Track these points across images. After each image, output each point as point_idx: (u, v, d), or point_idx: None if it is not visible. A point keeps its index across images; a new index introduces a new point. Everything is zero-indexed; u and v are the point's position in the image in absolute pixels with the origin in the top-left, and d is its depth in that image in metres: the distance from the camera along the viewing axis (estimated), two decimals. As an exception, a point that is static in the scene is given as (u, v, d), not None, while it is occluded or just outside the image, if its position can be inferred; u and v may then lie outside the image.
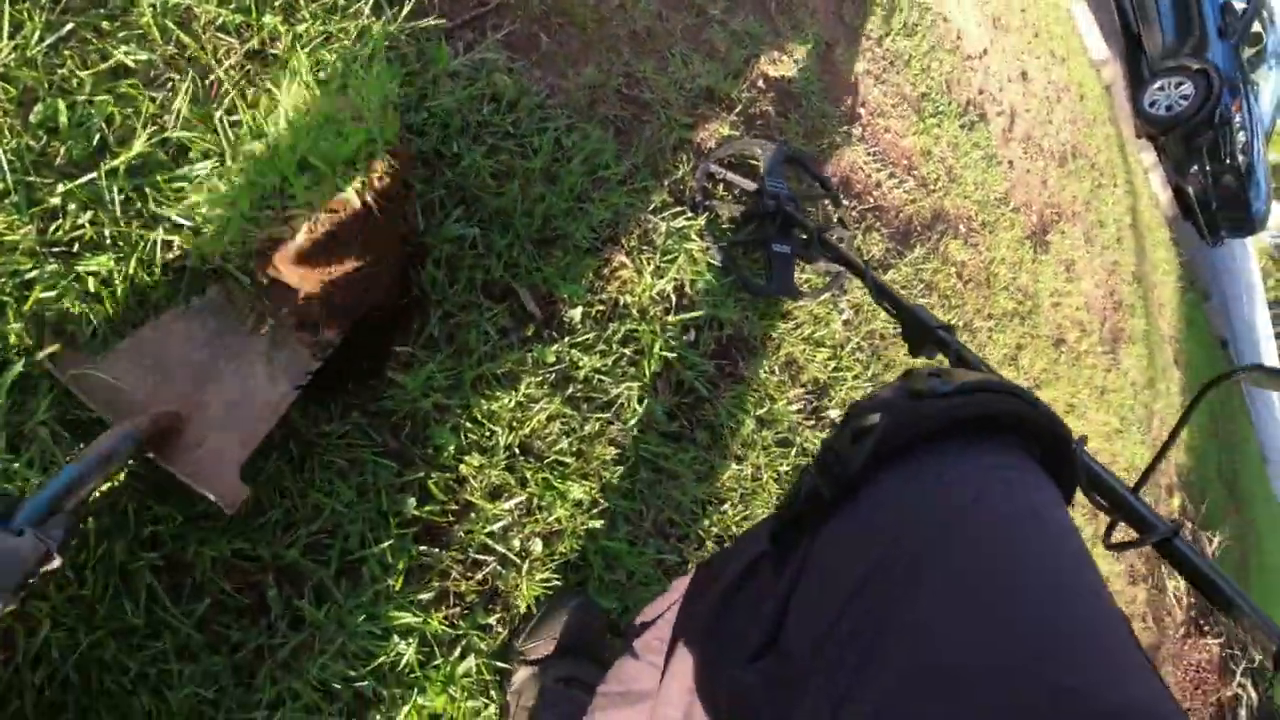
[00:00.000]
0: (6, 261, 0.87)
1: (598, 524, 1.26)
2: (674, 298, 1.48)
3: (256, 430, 0.94)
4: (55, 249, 0.91)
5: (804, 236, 1.70)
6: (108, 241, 0.94)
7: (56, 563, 0.70)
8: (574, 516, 1.23)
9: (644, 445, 1.35)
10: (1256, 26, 7.21)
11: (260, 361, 0.98)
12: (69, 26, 0.96)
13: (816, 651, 0.47)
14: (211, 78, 1.06)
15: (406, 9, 1.24)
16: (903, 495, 0.51)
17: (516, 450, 1.20)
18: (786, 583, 0.54)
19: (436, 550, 1.10)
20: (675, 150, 1.65)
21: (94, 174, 0.94)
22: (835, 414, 1.79)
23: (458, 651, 1.09)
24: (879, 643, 0.44)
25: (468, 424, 1.15)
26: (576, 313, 1.31)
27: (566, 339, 1.29)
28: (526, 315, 1.26)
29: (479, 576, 1.14)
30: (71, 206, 0.92)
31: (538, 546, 1.20)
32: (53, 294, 0.89)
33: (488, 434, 1.16)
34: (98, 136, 0.96)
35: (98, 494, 0.87)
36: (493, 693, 1.12)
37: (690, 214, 1.57)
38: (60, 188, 0.92)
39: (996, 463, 0.51)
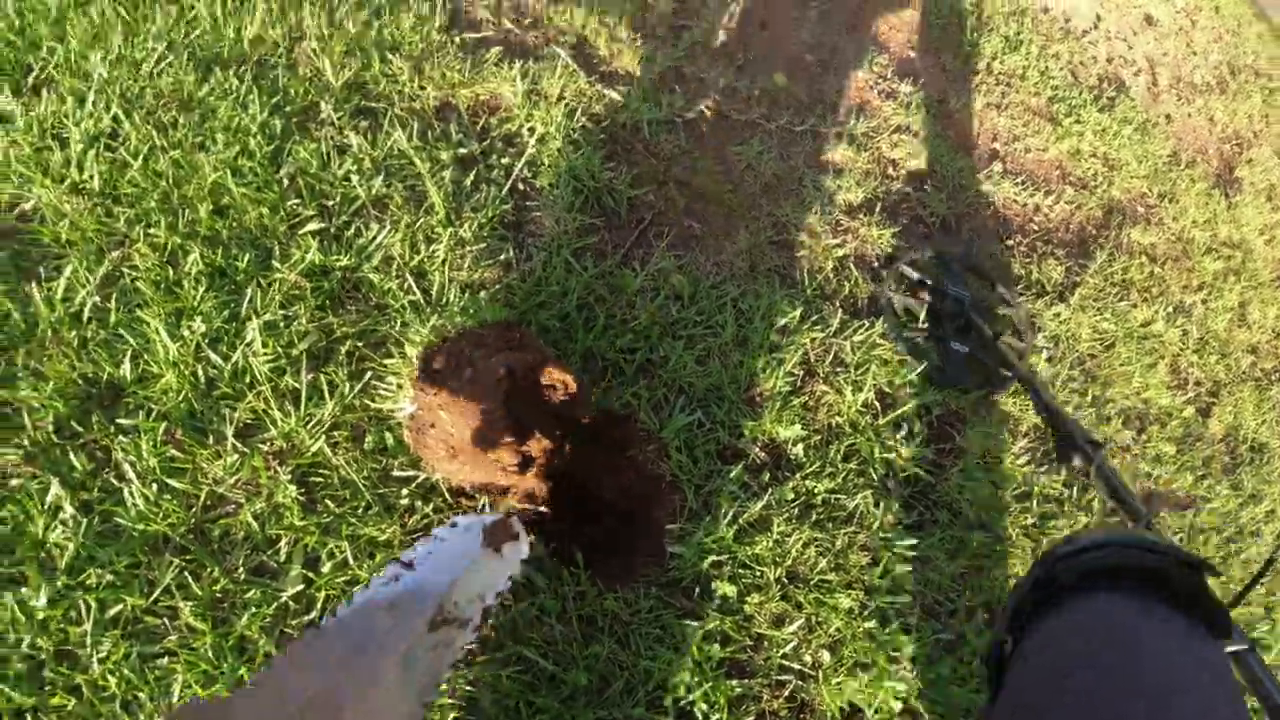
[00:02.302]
0: (385, 557, 1.21)
1: (872, 624, 1.43)
2: (878, 403, 1.65)
3: None
4: (415, 534, 1.25)
5: (982, 339, 1.82)
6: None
7: None
8: (849, 623, 1.41)
9: (892, 542, 1.51)
10: None
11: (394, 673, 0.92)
12: (368, 375, 1.34)
13: None
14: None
15: (591, 259, 1.56)
16: (1050, 633, 0.77)
17: (785, 580, 1.40)
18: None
19: (746, 680, 1.31)
20: (837, 271, 1.84)
21: (424, 473, 1.28)
22: (1064, 450, 1.83)
23: (785, 762, 1.29)
24: None
25: (740, 570, 1.37)
26: (799, 449, 1.52)
27: (797, 474, 1.49)
28: (759, 465, 1.49)
29: (785, 693, 1.33)
30: (418, 503, 1.26)
31: (826, 657, 1.38)
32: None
33: (758, 574, 1.38)
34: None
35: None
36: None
37: (868, 324, 1.74)
38: (404, 491, 1.26)
39: (1114, 606, 0.75)
